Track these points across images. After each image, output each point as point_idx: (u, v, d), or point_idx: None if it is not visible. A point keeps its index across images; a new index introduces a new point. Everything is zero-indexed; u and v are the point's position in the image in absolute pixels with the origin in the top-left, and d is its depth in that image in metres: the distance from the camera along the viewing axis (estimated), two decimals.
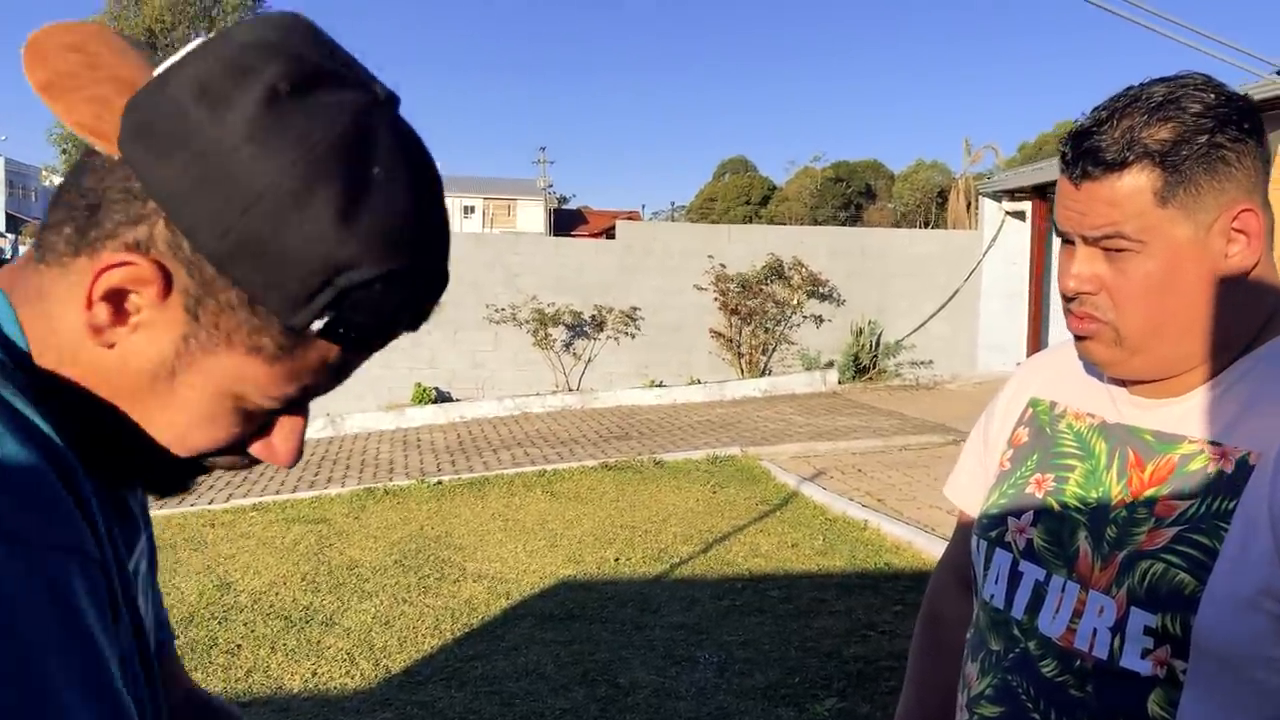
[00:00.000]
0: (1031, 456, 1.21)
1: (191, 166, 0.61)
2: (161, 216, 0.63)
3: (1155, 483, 1.06)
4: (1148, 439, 1.09)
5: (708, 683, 4.29)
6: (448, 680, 4.37)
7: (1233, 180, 1.00)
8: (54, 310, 0.67)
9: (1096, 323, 1.06)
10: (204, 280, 0.64)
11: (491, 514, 7.21)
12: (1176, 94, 1.01)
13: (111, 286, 0.64)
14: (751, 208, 63.41)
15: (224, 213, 0.61)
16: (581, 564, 5.98)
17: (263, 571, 5.96)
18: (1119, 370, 1.09)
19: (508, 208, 66.62)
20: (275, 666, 4.56)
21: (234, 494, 8.10)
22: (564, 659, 4.56)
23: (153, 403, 0.68)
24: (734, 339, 13.61)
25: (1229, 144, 1.00)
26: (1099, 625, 1.05)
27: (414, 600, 5.42)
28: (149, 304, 0.65)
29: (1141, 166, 0.99)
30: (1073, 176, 1.04)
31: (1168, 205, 0.99)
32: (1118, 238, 1.01)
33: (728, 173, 72.07)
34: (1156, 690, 1.01)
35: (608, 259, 13.66)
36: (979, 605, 1.22)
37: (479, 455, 9.40)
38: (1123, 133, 1.00)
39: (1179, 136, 0.99)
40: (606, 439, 9.96)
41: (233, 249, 0.62)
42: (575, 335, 13.32)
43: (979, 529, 1.23)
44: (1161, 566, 1.01)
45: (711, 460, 8.79)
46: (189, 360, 0.67)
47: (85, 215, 0.65)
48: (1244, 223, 1.01)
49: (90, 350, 0.67)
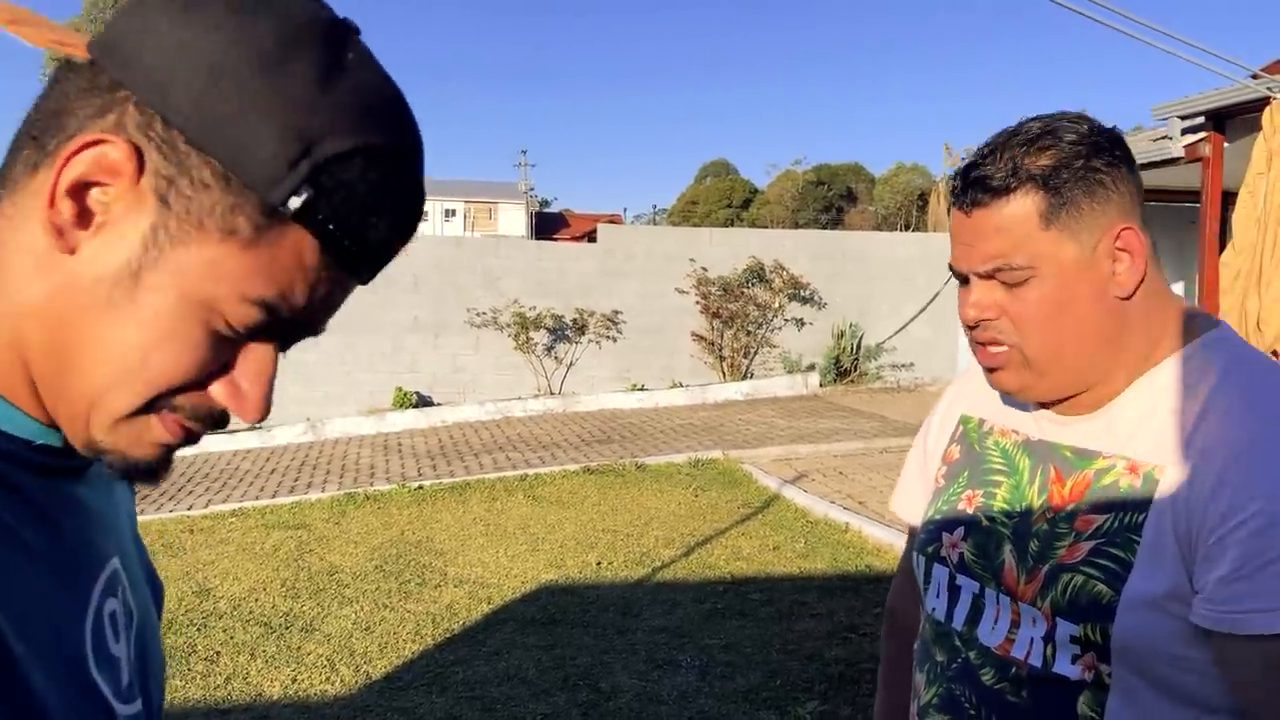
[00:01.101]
0: (963, 473, 1.27)
1: (164, 44, 0.59)
2: (131, 100, 0.60)
3: (1074, 498, 1.12)
4: (1067, 455, 1.15)
5: (689, 686, 4.29)
6: (429, 686, 4.35)
7: (1111, 203, 1.08)
8: (6, 242, 0.61)
9: (1002, 347, 1.11)
10: (177, 158, 0.60)
11: (473, 519, 7.19)
12: (1053, 126, 1.09)
13: (78, 176, 0.59)
14: (733, 211, 63.53)
15: (197, 81, 0.59)
16: (563, 568, 5.97)
17: (242, 578, 5.92)
18: (1031, 395, 1.15)
19: (489, 211, 66.52)
20: (255, 673, 4.53)
21: (213, 500, 8.05)
22: (545, 664, 4.55)
23: (109, 320, 0.60)
24: (715, 342, 13.63)
25: (1104, 168, 1.07)
26: (1034, 635, 1.11)
27: (395, 606, 5.40)
28: (117, 196, 0.60)
29: (1026, 190, 1.07)
30: (963, 206, 1.11)
31: (1051, 227, 1.06)
32: (1008, 269, 1.08)
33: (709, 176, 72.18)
34: (1085, 693, 1.07)
35: (589, 262, 13.65)
36: (924, 618, 1.28)
37: (460, 460, 9.37)
38: (1006, 161, 1.08)
39: (1058, 162, 1.07)
40: (588, 443, 9.95)
41: (208, 118, 0.59)
42: (557, 339, 13.31)
43: (918, 545, 1.29)
44: (1081, 579, 1.08)
45: (693, 464, 8.80)
46: (156, 255, 0.60)
47: (43, 128, 0.61)
48: (1126, 241, 1.08)
49: (43, 272, 0.61)
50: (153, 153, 0.60)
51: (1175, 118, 9.85)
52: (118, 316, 0.60)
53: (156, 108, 0.59)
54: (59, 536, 0.66)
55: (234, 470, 9.48)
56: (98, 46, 0.60)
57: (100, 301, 0.60)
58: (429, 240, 13.56)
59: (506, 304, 13.10)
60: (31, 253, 0.61)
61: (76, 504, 0.68)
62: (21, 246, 0.61)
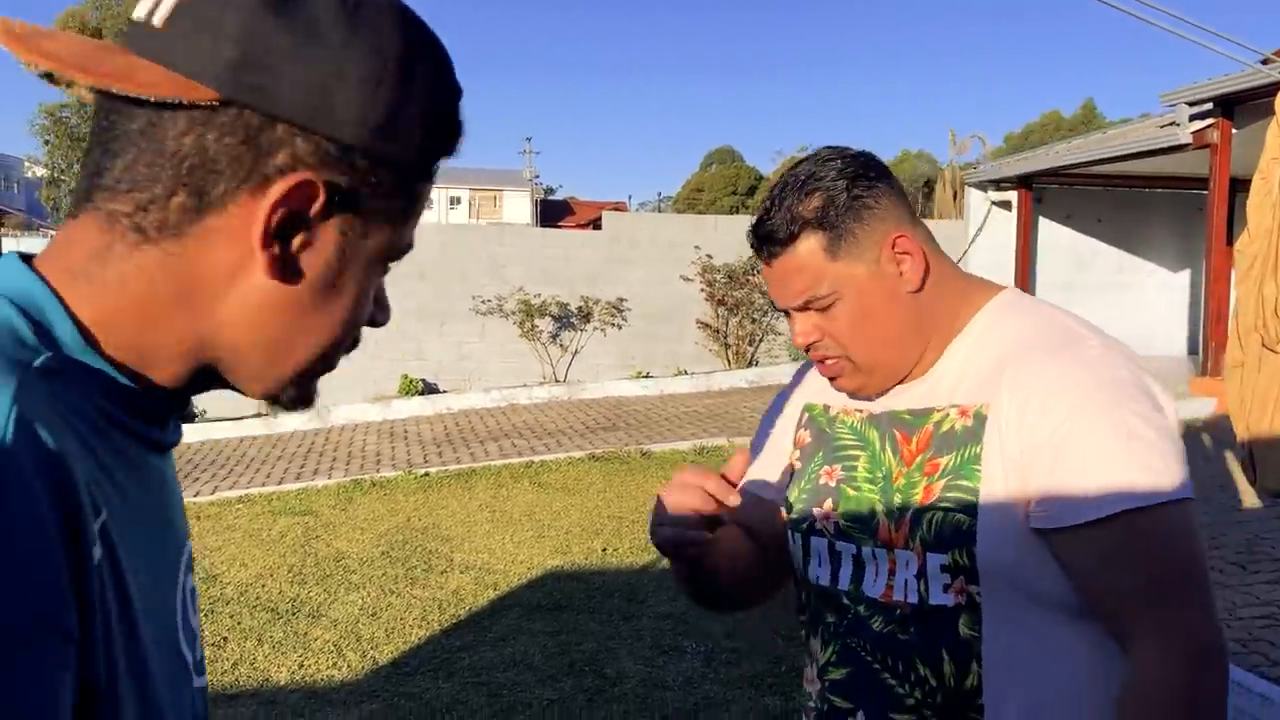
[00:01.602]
0: (818, 453, 1.39)
1: (307, 68, 0.64)
2: (296, 133, 0.65)
3: (921, 449, 1.27)
4: (906, 418, 1.30)
5: (695, 672, 4.31)
6: (435, 671, 4.37)
7: (878, 219, 1.25)
8: (177, 280, 0.67)
9: (835, 359, 1.28)
10: (354, 171, 0.67)
11: (479, 505, 7.21)
12: (814, 168, 1.26)
13: (281, 218, 0.65)
14: (738, 198, 63.36)
15: (356, 100, 0.65)
16: (569, 555, 5.99)
17: (249, 564, 5.95)
18: (867, 391, 1.32)
19: (494, 198, 66.43)
20: (262, 659, 4.55)
21: (220, 486, 8.08)
22: (551, 649, 4.57)
23: (316, 313, 0.70)
24: (721, 330, 13.62)
25: (864, 192, 1.24)
26: (908, 576, 1.24)
27: (401, 591, 5.42)
28: (316, 220, 0.67)
29: (806, 234, 1.24)
30: (763, 257, 1.29)
31: (839, 257, 1.24)
32: (815, 300, 1.25)
33: (714, 163, 71.98)
34: (963, 616, 1.20)
35: (594, 250, 13.65)
36: (805, 589, 1.39)
37: (466, 447, 9.39)
38: (784, 212, 1.25)
39: (825, 201, 1.24)
40: (594, 430, 9.97)
41: (372, 127, 0.66)
42: (562, 326, 13.31)
43: (790, 524, 1.40)
44: (940, 514, 1.21)
45: (699, 451, 8.81)
46: (352, 253, 0.70)
47: (193, 175, 0.65)
48: (902, 245, 1.25)
49: (248, 295, 0.68)
50: (334, 174, 0.66)
51: (1183, 104, 9.80)
52: (325, 307, 0.70)
53: (322, 130, 0.65)
54: (160, 510, 0.71)
55: (241, 456, 9.51)
56: (229, 86, 0.63)
57: (308, 303, 0.69)
58: (434, 228, 13.57)
59: (512, 291, 13.10)
60: (224, 279, 0.67)
61: (167, 482, 0.74)
62: (209, 277, 0.67)
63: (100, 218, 0.66)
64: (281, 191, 0.64)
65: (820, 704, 1.34)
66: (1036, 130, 50.55)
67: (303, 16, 0.64)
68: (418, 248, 0.78)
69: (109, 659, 0.60)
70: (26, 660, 0.53)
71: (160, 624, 0.68)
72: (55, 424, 0.59)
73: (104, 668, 0.59)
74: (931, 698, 1.22)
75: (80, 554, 0.57)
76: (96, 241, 0.67)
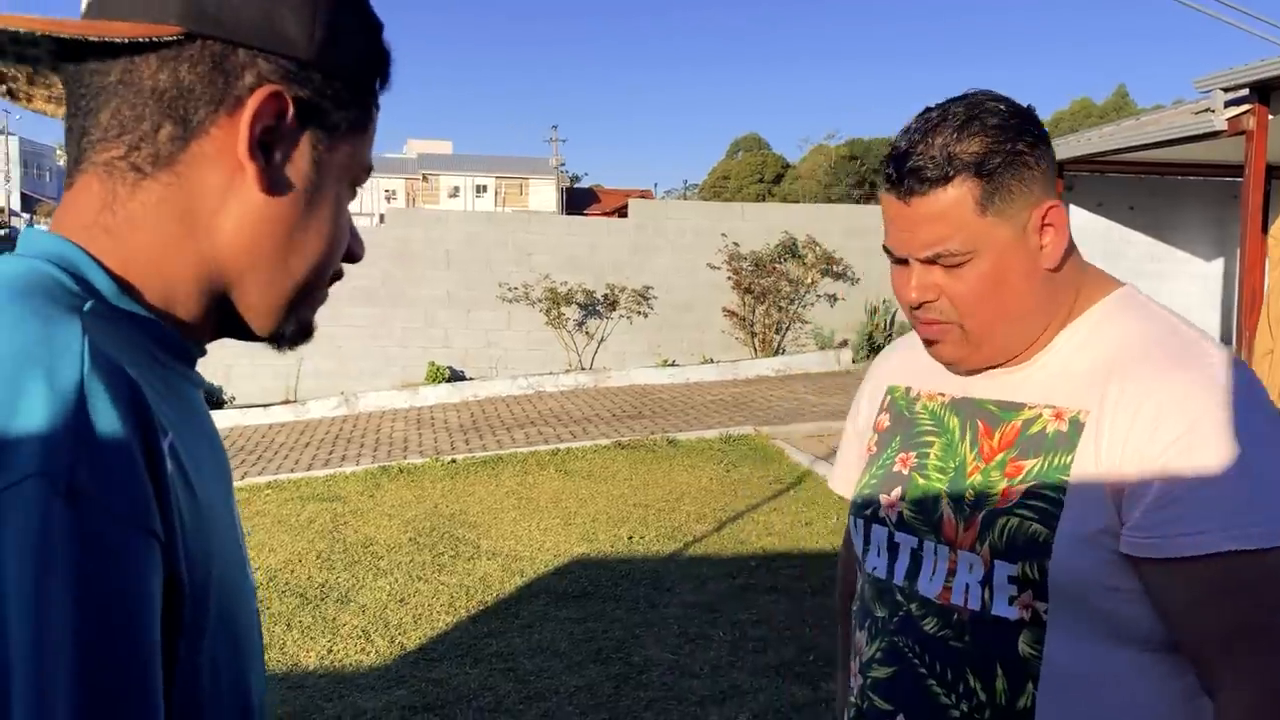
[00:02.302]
0: (895, 439, 1.32)
1: (252, 1, 0.71)
2: (256, 55, 0.71)
3: (1004, 447, 1.18)
4: (992, 409, 1.21)
5: (722, 660, 4.30)
6: (462, 657, 4.39)
7: (1036, 181, 1.13)
8: (177, 207, 0.72)
9: (942, 325, 1.18)
10: (313, 85, 0.74)
11: (505, 492, 7.23)
12: (977, 110, 1.13)
13: (257, 133, 0.72)
14: (765, 186, 63.16)
15: (299, 20, 0.72)
16: (595, 542, 6.00)
17: (278, 549, 5.99)
18: (968, 364, 1.21)
19: (520, 187, 66.52)
20: (291, 644, 4.59)
21: (249, 472, 8.14)
22: (578, 636, 4.57)
23: (303, 227, 0.76)
24: (747, 318, 13.58)
25: (1028, 149, 1.13)
26: (970, 580, 1.16)
27: (429, 578, 5.44)
28: (285, 135, 0.73)
29: (962, 179, 1.11)
30: (901, 194, 1.15)
31: (988, 212, 1.12)
32: (948, 254, 1.13)
33: (740, 151, 71.75)
34: (1025, 631, 1.12)
35: (620, 238, 13.63)
36: (863, 578, 1.33)
37: (492, 434, 9.42)
38: (939, 149, 1.12)
39: (988, 148, 1.11)
40: (620, 418, 9.97)
41: (322, 44, 0.74)
42: (588, 314, 13.31)
43: (854, 509, 1.35)
44: (1016, 520, 1.13)
45: (725, 439, 8.80)
46: (321, 168, 0.76)
47: (173, 107, 0.71)
48: (1052, 217, 1.15)
49: (243, 209, 0.73)
50: (296, 89, 0.73)
51: (1218, 90, 9.67)
52: (309, 222, 0.76)
53: (278, 50, 0.72)
54: (208, 438, 0.77)
55: (269, 443, 9.58)
56: (189, 20, 0.70)
57: (295, 217, 0.75)
58: (461, 216, 13.57)
59: (538, 279, 13.11)
60: (218, 199, 0.73)
61: (207, 415, 0.80)
62: (204, 199, 0.73)
63: (98, 171, 0.73)
64: (256, 104, 0.71)
65: (860, 700, 1.28)
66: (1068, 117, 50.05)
67: None
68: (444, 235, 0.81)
69: (189, 559, 0.65)
70: (125, 555, 0.59)
71: (226, 530, 0.74)
72: (119, 351, 0.65)
73: (185, 567, 0.64)
74: (979, 713, 1.15)
75: (157, 467, 0.63)
76: (100, 194, 0.73)
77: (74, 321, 0.64)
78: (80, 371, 0.61)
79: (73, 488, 0.57)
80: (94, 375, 0.61)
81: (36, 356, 0.60)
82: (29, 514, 0.55)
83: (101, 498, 0.58)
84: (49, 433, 0.58)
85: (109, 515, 0.58)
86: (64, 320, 0.63)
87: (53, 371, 0.60)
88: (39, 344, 0.61)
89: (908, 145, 1.14)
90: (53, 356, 0.61)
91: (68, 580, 0.56)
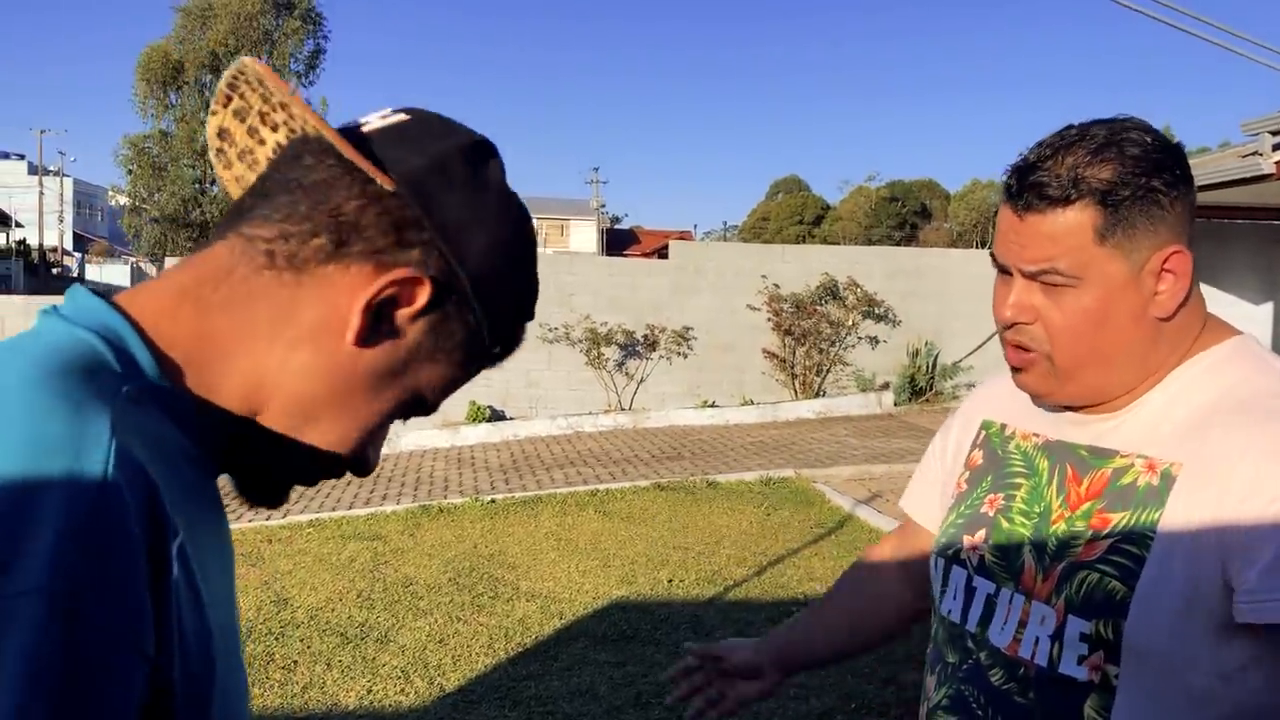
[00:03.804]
0: (986, 478, 1.27)
1: (468, 207, 0.76)
2: (434, 244, 0.75)
3: (1091, 496, 1.12)
4: (1083, 454, 1.15)
5: (763, 707, 4.24)
6: (501, 700, 4.37)
7: (1165, 223, 1.06)
8: (275, 310, 0.74)
9: (1031, 353, 1.12)
10: (456, 301, 0.77)
11: (545, 533, 7.22)
12: (1118, 136, 1.07)
13: (387, 297, 0.74)
14: (804, 227, 63.16)
15: (488, 250, 0.77)
16: (634, 585, 5.96)
17: (319, 588, 6.01)
18: (1052, 398, 1.16)
19: (561, 228, 67.02)
20: (331, 683, 4.59)
21: (290, 510, 8.19)
22: (617, 681, 4.54)
23: (361, 400, 0.77)
24: (787, 359, 13.54)
25: (1163, 188, 1.05)
26: (1040, 634, 1.11)
27: (468, 618, 5.44)
28: (406, 317, 0.75)
29: (1084, 204, 1.05)
30: (1017, 208, 1.09)
31: (1105, 243, 1.05)
32: (1054, 273, 1.07)
33: (780, 192, 71.87)
34: (1092, 695, 1.06)
35: (660, 279, 13.67)
36: (937, 620, 1.28)
37: (532, 474, 9.43)
38: (1067, 170, 1.06)
39: (1119, 178, 1.05)
40: (659, 459, 9.95)
41: (485, 279, 0.77)
42: (628, 355, 13.34)
43: (937, 548, 1.29)
44: (1096, 576, 1.07)
45: (765, 482, 8.74)
46: (414, 366, 0.78)
47: (340, 229, 0.74)
48: (1174, 264, 1.07)
49: (320, 348, 0.75)
50: (442, 292, 0.76)
51: (1265, 133, 9.57)
52: (369, 399, 0.77)
53: (452, 257, 0.76)
54: (219, 532, 0.77)
55: None
56: (405, 184, 0.75)
57: (366, 387, 0.77)
58: None
59: (579, 320, 13.16)
60: (312, 326, 0.74)
61: (221, 505, 0.79)
62: (302, 318, 0.74)
63: (237, 241, 0.75)
64: (403, 275, 0.73)
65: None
66: None
67: (481, 175, 0.78)
68: None
69: (184, 669, 0.64)
70: (110, 676, 0.59)
71: (228, 636, 0.73)
72: (144, 450, 0.64)
73: (179, 675, 0.64)
74: None
75: (162, 573, 0.63)
76: (221, 264, 0.75)
77: (105, 415, 0.63)
78: (103, 476, 0.61)
79: (73, 611, 0.58)
80: (115, 482, 0.61)
81: (62, 452, 0.61)
82: (25, 629, 0.57)
83: (98, 621, 0.59)
84: (61, 545, 0.58)
85: (102, 638, 0.59)
86: (95, 413, 0.63)
87: (75, 474, 0.60)
88: (66, 439, 0.61)
89: (1036, 158, 1.08)
90: (78, 455, 0.61)
91: (51, 696, 0.57)
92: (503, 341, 0.82)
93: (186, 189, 31.51)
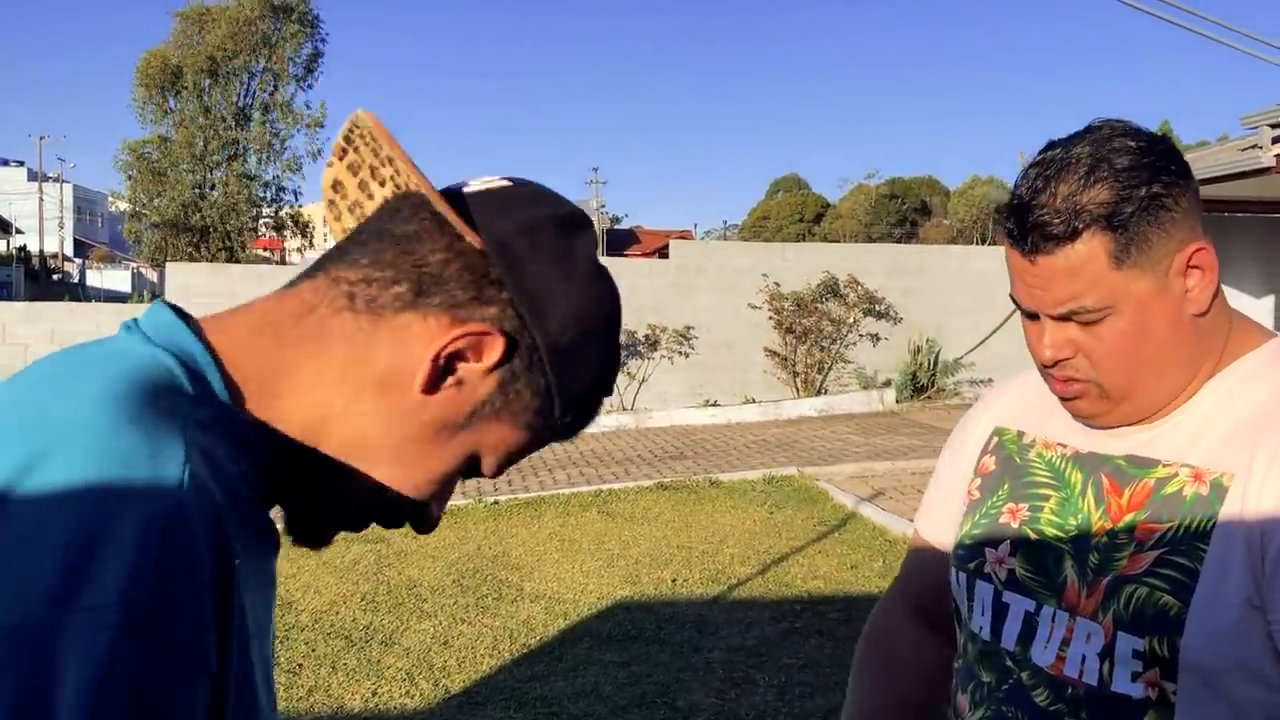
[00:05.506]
0: (1002, 486, 1.22)
1: (552, 275, 0.77)
2: (513, 305, 0.76)
3: (1134, 507, 1.08)
4: (1121, 464, 1.11)
5: (768, 706, 4.25)
6: (507, 701, 4.37)
7: (1176, 224, 1.02)
8: (349, 350, 0.75)
9: (1079, 383, 1.08)
10: (528, 364, 0.77)
11: (548, 534, 7.22)
12: (1104, 150, 1.02)
13: (460, 348, 0.75)
14: (805, 225, 63.11)
15: (567, 318, 0.78)
16: (638, 585, 5.97)
17: (323, 591, 6.01)
18: (1108, 420, 1.11)
19: None
20: (336, 686, 4.59)
21: None
22: (622, 680, 4.54)
23: (420, 451, 0.77)
24: (789, 358, 13.54)
25: (1165, 190, 1.02)
26: (1087, 652, 1.06)
27: (472, 620, 5.44)
28: (476, 371, 0.76)
29: (1091, 233, 1.01)
30: (1025, 252, 1.05)
31: (1123, 266, 1.01)
32: (1083, 310, 1.04)
33: (780, 191, 71.83)
34: (1150, 713, 1.02)
35: (661, 278, 13.68)
36: (965, 637, 1.23)
37: (534, 475, 9.43)
38: (1064, 201, 1.01)
39: (1119, 195, 1.00)
40: (662, 459, 9.95)
41: (561, 349, 0.78)
42: (629, 354, 13.34)
43: (955, 560, 1.24)
44: (1145, 590, 1.03)
45: (768, 480, 8.74)
46: (478, 421, 0.78)
47: (421, 279, 0.75)
48: (1199, 260, 1.04)
49: (387, 392, 0.75)
50: (516, 352, 0.77)
51: (1265, 126, 9.57)
52: (431, 449, 0.78)
53: (529, 320, 0.76)
54: (267, 563, 0.79)
55: None
56: (492, 244, 0.76)
57: (427, 438, 0.77)
58: None
59: None
60: (383, 370, 0.75)
61: (271, 535, 0.80)
62: (374, 362, 0.75)
63: (323, 281, 0.77)
64: (478, 330, 0.75)
65: None
66: None
67: (570, 245, 0.80)
68: None
69: (231, 692, 0.66)
70: (175, 699, 0.61)
71: (265, 664, 0.74)
72: (212, 476, 0.66)
73: (228, 699, 0.66)
74: None
75: (227, 595, 0.65)
76: (305, 302, 0.77)
77: (177, 438, 0.65)
78: (178, 498, 0.62)
79: (143, 629, 0.59)
80: (187, 504, 0.63)
81: (139, 466, 0.62)
82: (97, 645, 0.58)
83: (166, 642, 0.60)
84: (136, 562, 0.60)
85: (169, 659, 0.60)
86: (168, 435, 0.65)
87: (151, 493, 0.62)
88: (144, 455, 0.63)
89: (1029, 196, 1.04)
90: (155, 471, 0.62)
91: (121, 707, 0.58)
92: (575, 412, 0.82)
93: (186, 194, 31.48)
